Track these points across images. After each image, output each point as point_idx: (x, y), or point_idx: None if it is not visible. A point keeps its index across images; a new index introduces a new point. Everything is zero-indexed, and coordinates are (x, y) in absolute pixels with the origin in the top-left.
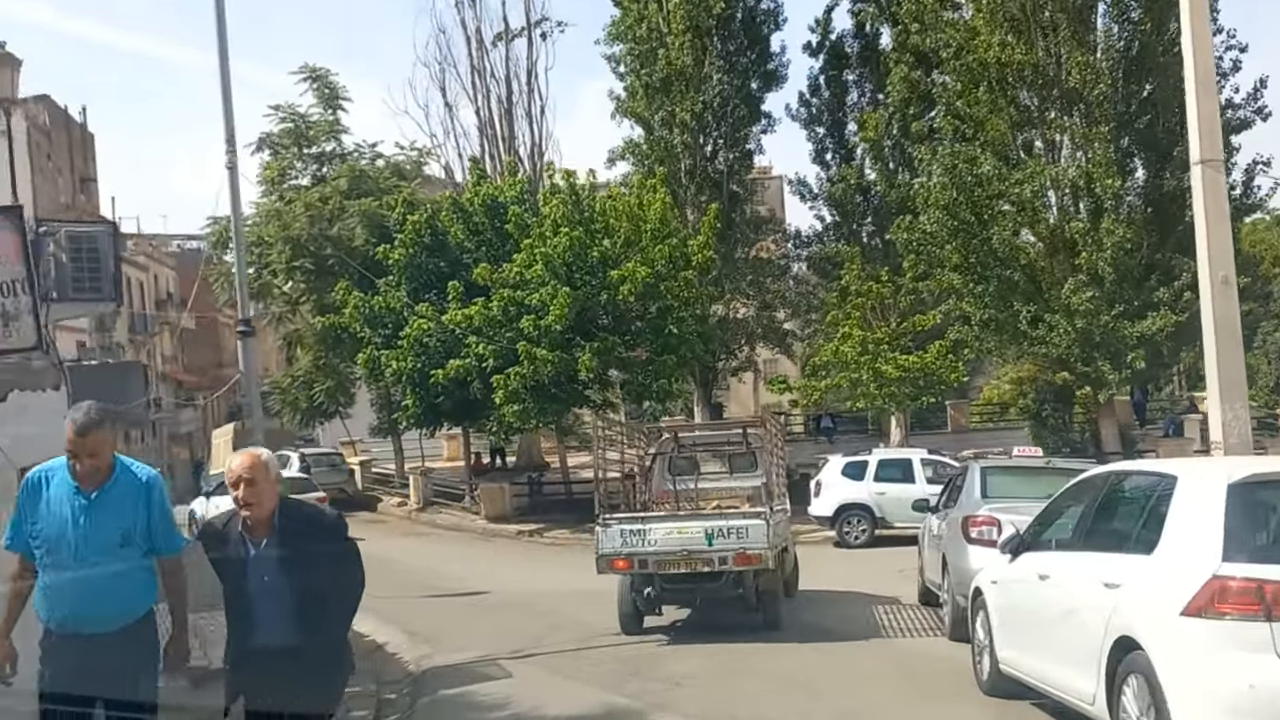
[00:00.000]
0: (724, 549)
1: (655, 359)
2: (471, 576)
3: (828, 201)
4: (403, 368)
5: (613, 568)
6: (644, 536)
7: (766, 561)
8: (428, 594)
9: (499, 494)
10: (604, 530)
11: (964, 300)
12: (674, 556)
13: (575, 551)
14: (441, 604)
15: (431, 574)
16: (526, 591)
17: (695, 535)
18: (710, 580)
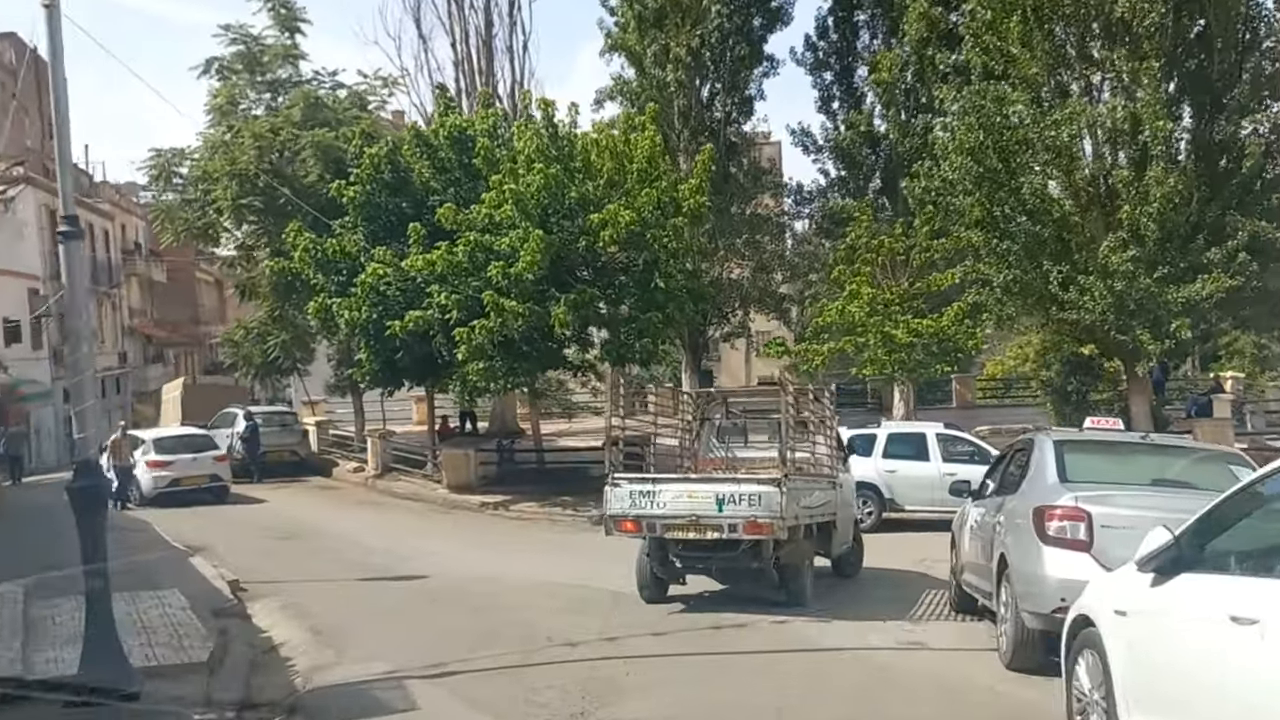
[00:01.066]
0: (734, 516)
1: (639, 316)
2: (417, 555)
3: (833, 153)
4: (356, 318)
5: (620, 529)
6: (653, 498)
7: (778, 532)
8: (360, 576)
9: (463, 461)
10: (613, 490)
11: (984, 260)
12: (682, 521)
13: (541, 527)
14: (370, 591)
15: (373, 551)
16: (475, 576)
17: (705, 500)
18: (725, 549)
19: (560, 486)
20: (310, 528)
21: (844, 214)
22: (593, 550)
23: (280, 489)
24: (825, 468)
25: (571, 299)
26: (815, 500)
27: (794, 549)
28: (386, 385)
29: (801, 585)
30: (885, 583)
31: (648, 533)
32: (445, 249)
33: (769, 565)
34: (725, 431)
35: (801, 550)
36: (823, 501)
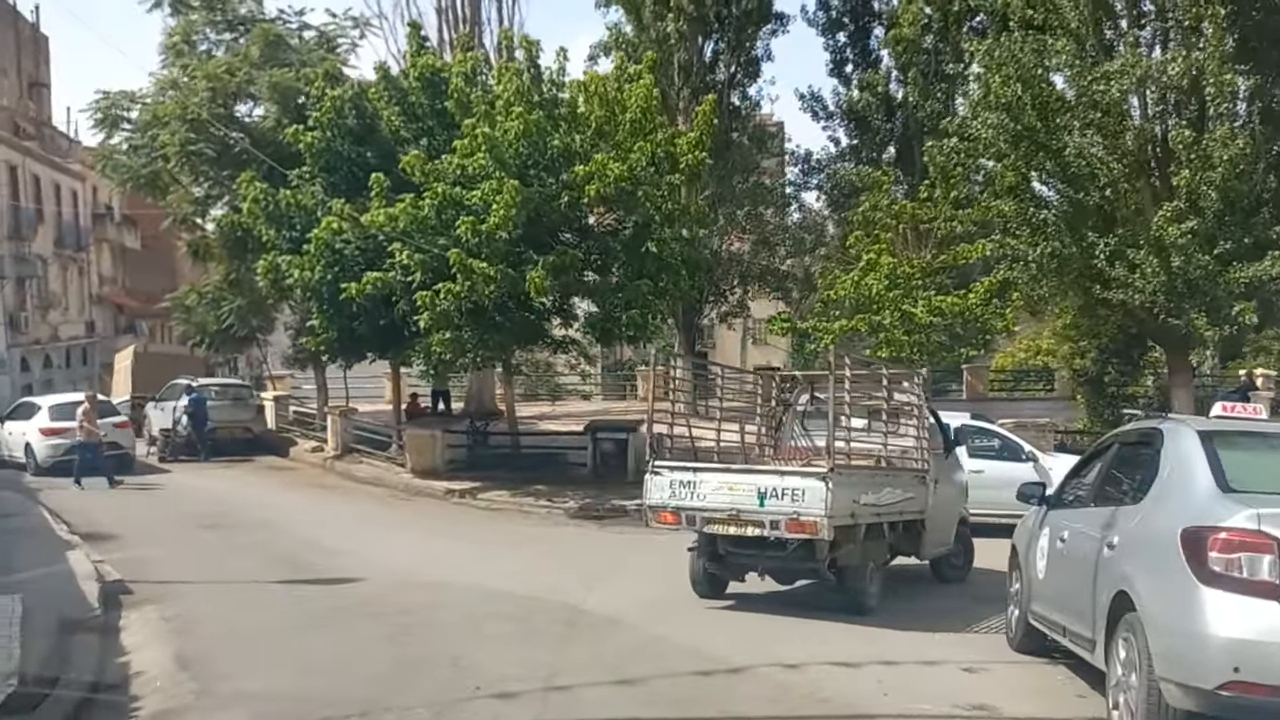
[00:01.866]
0: (775, 512)
1: (626, 285)
2: (360, 551)
3: (846, 118)
4: (308, 279)
5: (659, 521)
6: (694, 489)
7: (822, 532)
8: (281, 577)
9: (429, 443)
10: (653, 479)
11: (1014, 233)
12: (721, 515)
13: (510, 519)
14: (284, 599)
15: (310, 544)
16: (418, 581)
17: (747, 493)
18: (772, 548)
19: (536, 474)
20: (246, 514)
21: (859, 181)
22: (563, 549)
23: (227, 469)
24: (910, 460)
25: (551, 262)
26: (889, 496)
27: (852, 551)
28: (344, 357)
29: (861, 591)
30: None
31: (687, 525)
32: (410, 202)
33: (823, 568)
34: (809, 417)
35: (864, 552)
36: (901, 498)
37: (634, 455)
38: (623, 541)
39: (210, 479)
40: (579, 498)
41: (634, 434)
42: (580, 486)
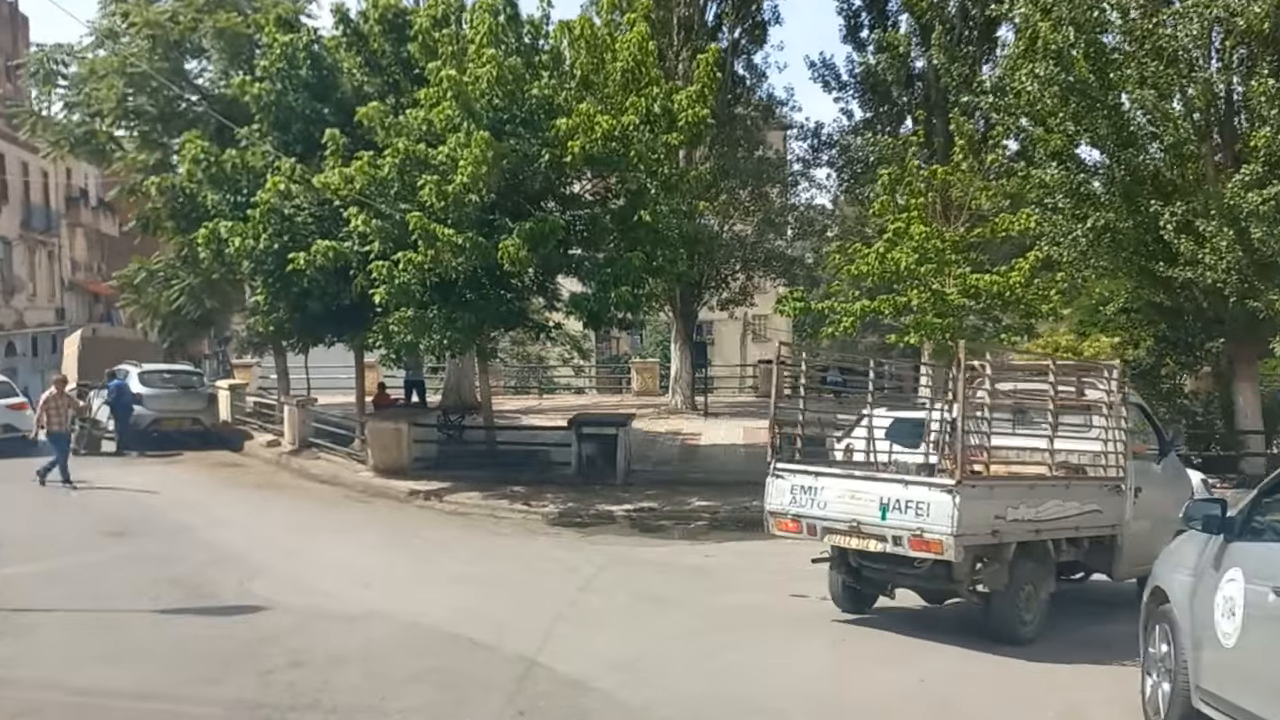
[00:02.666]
0: (898, 526)
1: (617, 258)
2: (283, 568)
3: (861, 86)
4: (250, 247)
5: (779, 529)
6: (814, 496)
7: (948, 552)
8: (174, 605)
9: (393, 438)
10: (774, 482)
11: (1057, 205)
12: (842, 526)
13: (478, 525)
14: (152, 637)
15: (226, 559)
16: (339, 612)
17: (869, 503)
18: (903, 564)
19: (513, 474)
20: (168, 519)
21: (877, 152)
22: (532, 567)
23: (167, 465)
24: (1101, 467)
25: (528, 229)
26: (1056, 510)
27: (997, 572)
28: (298, 340)
29: (1012, 618)
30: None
31: (808, 535)
32: (367, 160)
33: (964, 590)
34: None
35: (1016, 574)
36: (1079, 511)
37: (623, 453)
38: (607, 556)
39: (143, 476)
40: (560, 501)
41: (624, 429)
42: (562, 488)
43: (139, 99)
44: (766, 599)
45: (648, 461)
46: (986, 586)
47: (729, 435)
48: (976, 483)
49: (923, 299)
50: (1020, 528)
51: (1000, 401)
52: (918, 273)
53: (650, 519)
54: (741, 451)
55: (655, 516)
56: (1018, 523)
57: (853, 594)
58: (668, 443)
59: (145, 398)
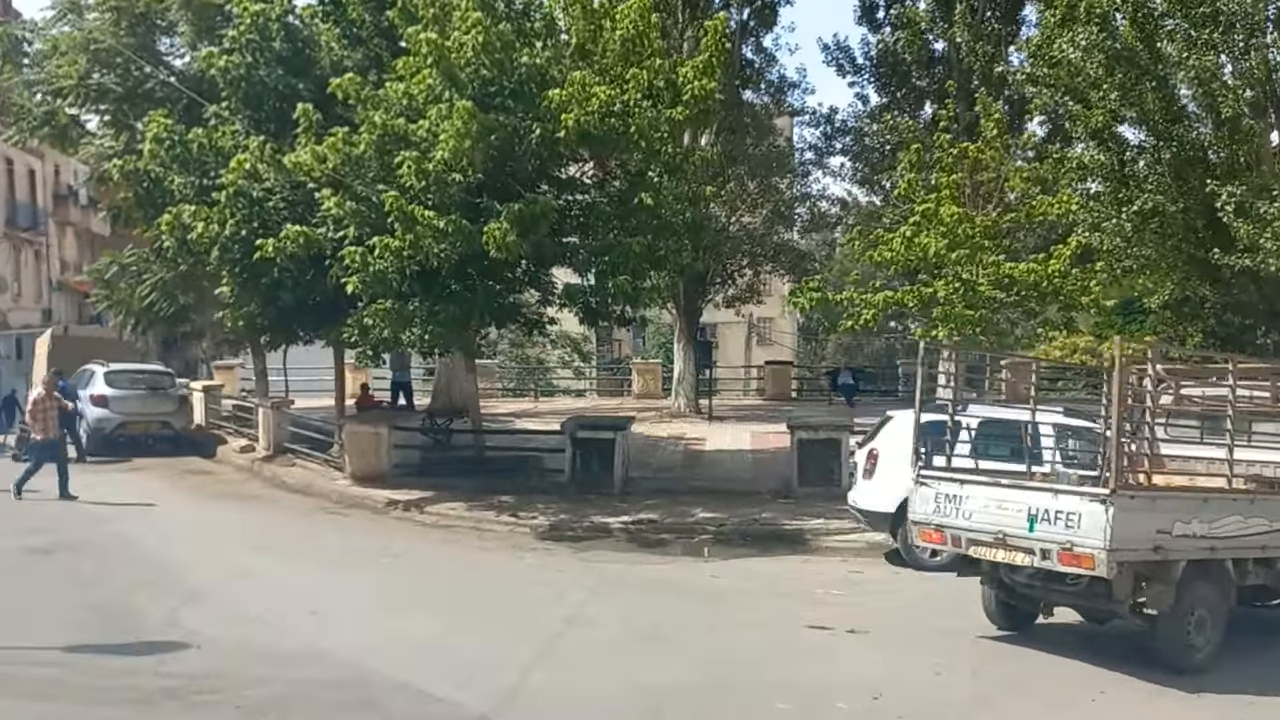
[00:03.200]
0: (1047, 539)
1: (614, 245)
2: (227, 594)
3: (877, 69)
4: (214, 233)
5: (923, 539)
6: (959, 505)
7: (1099, 567)
8: (88, 640)
9: (372, 443)
10: (918, 490)
11: (1092, 186)
12: (987, 538)
13: (460, 539)
14: (46, 675)
15: (164, 583)
16: (273, 655)
17: (1016, 514)
18: (1057, 580)
19: (502, 482)
20: (111, 534)
21: (898, 136)
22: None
23: (126, 473)
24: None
25: (517, 211)
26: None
27: (1162, 593)
28: (270, 335)
29: (1179, 643)
30: None
31: (951, 546)
32: (341, 137)
33: (1125, 611)
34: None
35: (1185, 595)
36: (1269, 529)
37: (621, 460)
38: (600, 577)
39: (99, 485)
40: (551, 513)
41: (622, 433)
42: (554, 498)
43: (103, 77)
44: (782, 632)
45: (648, 469)
46: (1151, 608)
47: (735, 441)
48: (1135, 493)
49: (951, 289)
50: (1190, 544)
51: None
52: (947, 259)
53: (649, 532)
54: (749, 458)
55: (655, 530)
56: (1187, 539)
57: (1007, 610)
58: (669, 448)
59: (111, 400)
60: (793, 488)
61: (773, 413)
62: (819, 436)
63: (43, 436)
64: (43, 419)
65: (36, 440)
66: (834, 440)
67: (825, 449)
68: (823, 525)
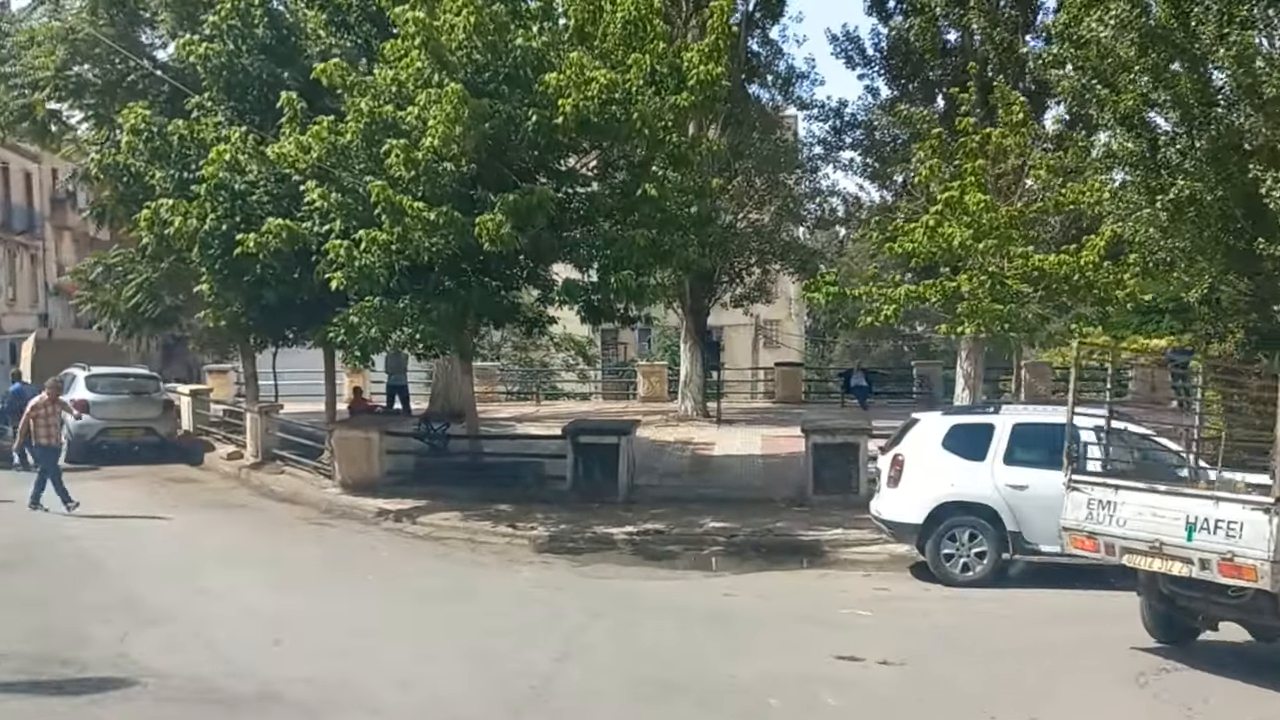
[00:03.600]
0: (1206, 549)
1: (617, 238)
2: (187, 618)
3: (888, 60)
4: (194, 228)
5: (1074, 546)
6: (1112, 512)
7: (1263, 579)
8: (13, 675)
9: (363, 449)
10: (1070, 495)
11: (1116, 174)
12: (1142, 546)
13: (453, 553)
14: None
15: (121, 603)
16: (220, 698)
17: (1173, 521)
18: (1217, 591)
19: (500, 490)
20: (68, 550)
21: (912, 127)
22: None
23: (103, 482)
24: None
25: (511, 202)
26: None
27: None
28: (255, 336)
29: None
30: None
31: (1105, 555)
32: (326, 125)
33: None
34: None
35: None
36: None
37: (626, 466)
38: (601, 596)
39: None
40: (551, 523)
41: (626, 437)
42: (555, 507)
43: (82, 68)
44: (808, 663)
45: (654, 475)
46: None
47: (745, 445)
48: None
49: (975, 283)
50: None
51: None
52: (973, 250)
53: (656, 544)
54: (760, 463)
55: (662, 541)
56: None
57: (1166, 622)
58: (676, 453)
59: (93, 405)
60: (808, 495)
61: (783, 416)
62: (835, 441)
63: (47, 442)
64: (46, 424)
65: (41, 445)
66: (851, 444)
67: (842, 454)
68: (841, 536)
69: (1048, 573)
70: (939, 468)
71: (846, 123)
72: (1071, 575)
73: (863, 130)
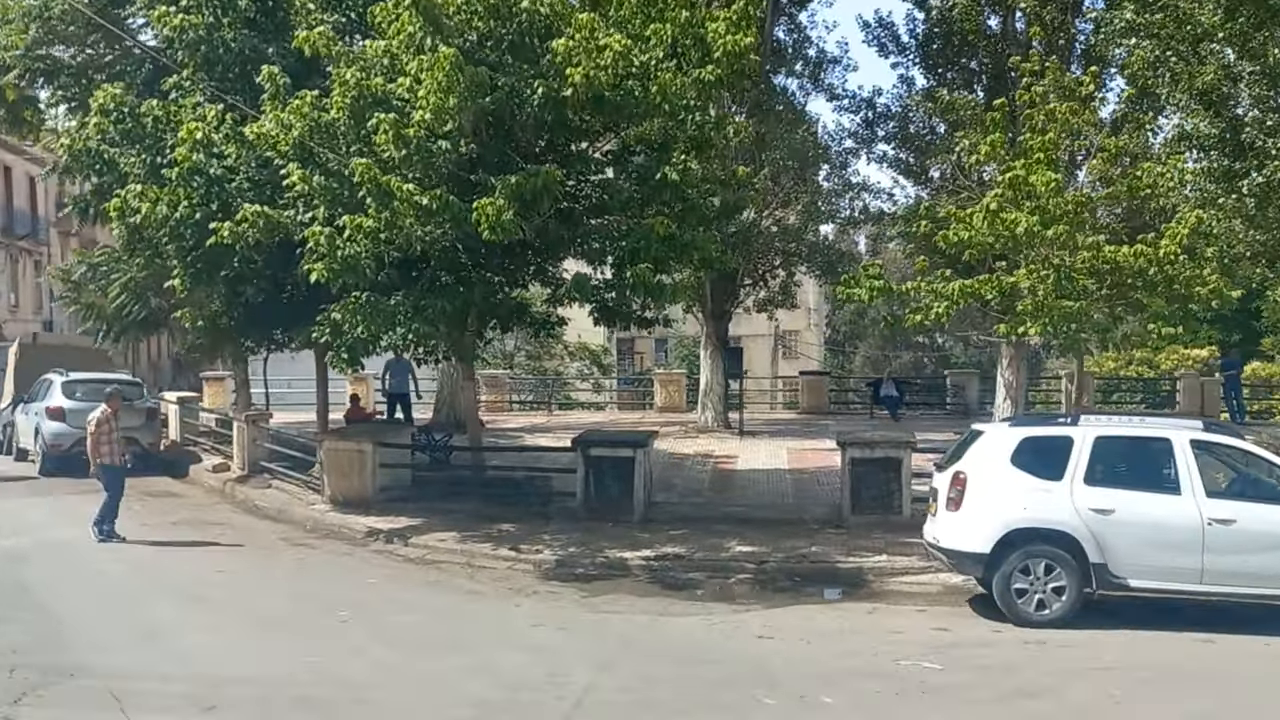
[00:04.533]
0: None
1: (634, 227)
2: (118, 666)
3: (925, 45)
4: (162, 215)
5: None
6: None
7: None
8: None
9: (355, 462)
10: None
11: (1192, 156)
12: None
13: (446, 580)
14: None
15: (46, 643)
16: None
17: None
18: None
19: (504, 508)
20: (20, 576)
21: (955, 114)
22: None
23: (75, 496)
24: None
25: (514, 184)
26: None
27: None
28: (238, 338)
29: None
30: None
31: None
32: (309, 100)
33: None
34: None
35: None
36: None
37: (642, 481)
38: (614, 639)
39: (33, 511)
40: (559, 545)
41: (643, 449)
42: (564, 526)
43: (54, 48)
44: None
45: (673, 491)
46: None
47: (771, 459)
48: None
49: (1037, 277)
50: None
51: None
52: (1040, 238)
53: (676, 570)
54: (788, 479)
55: (683, 567)
56: None
57: None
58: (697, 467)
59: (69, 413)
60: (844, 515)
61: (809, 427)
62: (875, 455)
63: (110, 461)
64: (109, 442)
65: (103, 464)
66: (893, 459)
67: (882, 469)
68: (886, 563)
69: (1135, 611)
70: (1008, 488)
71: (880, 114)
72: (1165, 615)
73: (896, 122)
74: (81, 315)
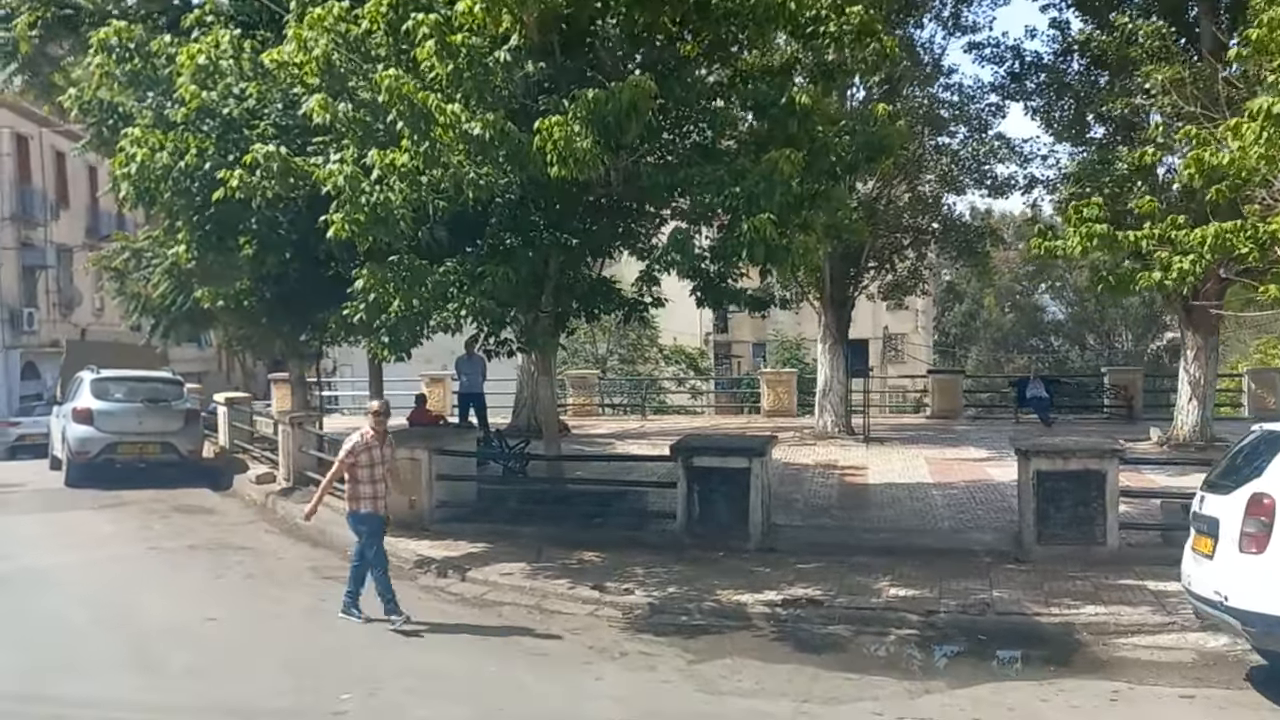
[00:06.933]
0: None
1: (749, 168)
2: None
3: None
4: (160, 164)
5: None
6: None
7: None
8: None
9: (407, 472)
10: None
11: None
12: None
13: (501, 639)
14: None
15: None
16: None
17: None
18: None
19: (588, 533)
20: None
21: (1139, 47)
22: None
23: (95, 511)
24: None
25: (590, 100)
26: None
27: None
28: (266, 321)
29: None
30: None
31: None
32: (336, 9)
33: None
34: None
35: None
36: None
37: (760, 498)
38: None
39: (38, 528)
40: (654, 582)
41: (760, 459)
42: (662, 556)
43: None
44: None
45: (794, 511)
46: None
47: (909, 470)
48: None
49: None
50: None
51: None
52: None
53: (814, 622)
54: (935, 496)
55: (821, 618)
56: None
57: None
58: (820, 480)
59: (98, 415)
60: (1025, 545)
61: (945, 433)
62: (1068, 467)
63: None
64: (371, 481)
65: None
66: (1093, 473)
67: (1079, 486)
68: (1107, 617)
69: None
70: None
71: (1029, 64)
72: None
73: (1049, 73)
74: (128, 307)
